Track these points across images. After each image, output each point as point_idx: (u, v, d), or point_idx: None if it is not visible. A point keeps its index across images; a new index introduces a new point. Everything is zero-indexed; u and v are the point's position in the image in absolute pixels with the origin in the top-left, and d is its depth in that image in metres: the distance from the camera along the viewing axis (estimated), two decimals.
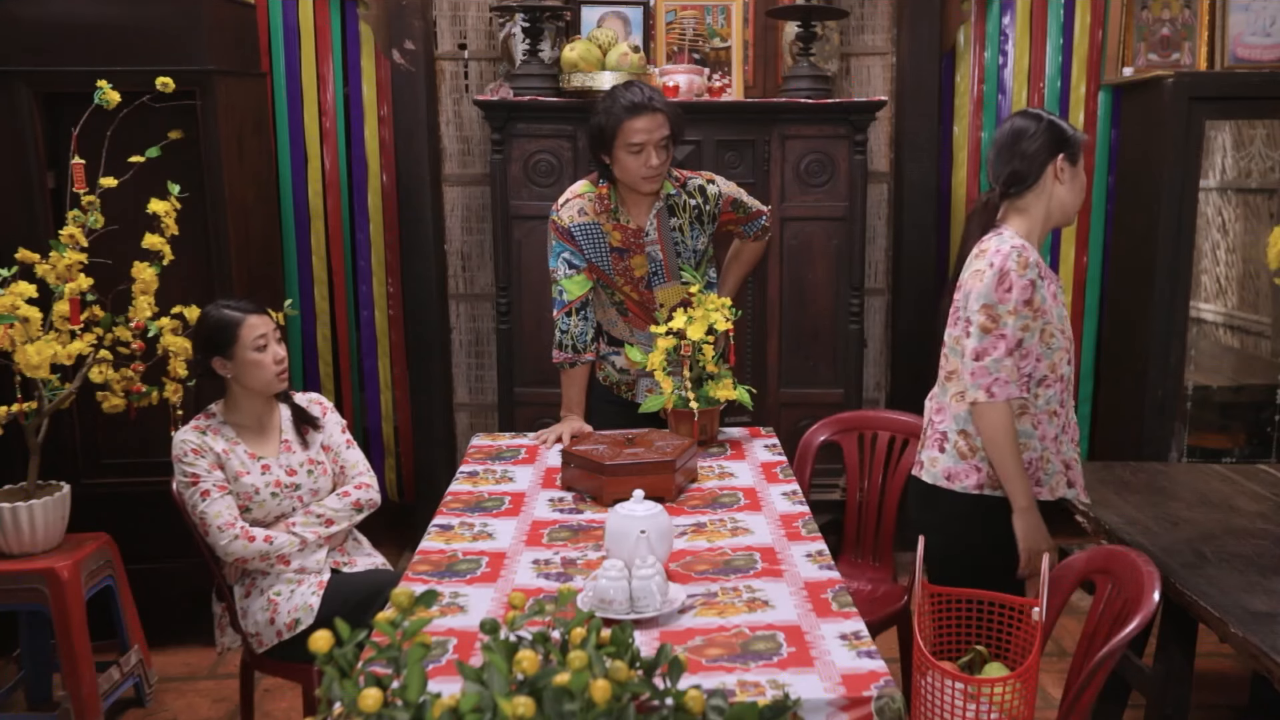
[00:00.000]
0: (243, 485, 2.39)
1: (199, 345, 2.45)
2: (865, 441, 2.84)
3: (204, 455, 2.37)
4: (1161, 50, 3.73)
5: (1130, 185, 3.74)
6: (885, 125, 3.94)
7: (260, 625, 2.37)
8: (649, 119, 2.54)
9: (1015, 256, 2.06)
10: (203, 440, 2.39)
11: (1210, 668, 3.12)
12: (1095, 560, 1.93)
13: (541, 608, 1.16)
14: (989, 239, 2.16)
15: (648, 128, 2.54)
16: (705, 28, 3.71)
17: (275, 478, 2.43)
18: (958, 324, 2.16)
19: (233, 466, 2.39)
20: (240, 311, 2.41)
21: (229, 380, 2.43)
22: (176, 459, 2.37)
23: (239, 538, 2.32)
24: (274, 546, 2.35)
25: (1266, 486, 2.64)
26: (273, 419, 2.51)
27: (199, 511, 2.33)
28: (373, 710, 1.00)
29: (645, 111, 2.54)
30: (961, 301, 2.15)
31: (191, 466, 2.35)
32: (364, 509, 2.51)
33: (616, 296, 2.75)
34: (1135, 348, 3.62)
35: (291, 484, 2.45)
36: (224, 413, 2.47)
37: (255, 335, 2.40)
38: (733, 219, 2.80)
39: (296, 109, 3.79)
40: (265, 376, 2.42)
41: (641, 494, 1.93)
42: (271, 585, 2.38)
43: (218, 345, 2.39)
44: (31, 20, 3.00)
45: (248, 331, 2.39)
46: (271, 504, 2.42)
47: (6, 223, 3.05)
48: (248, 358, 2.39)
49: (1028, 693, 1.71)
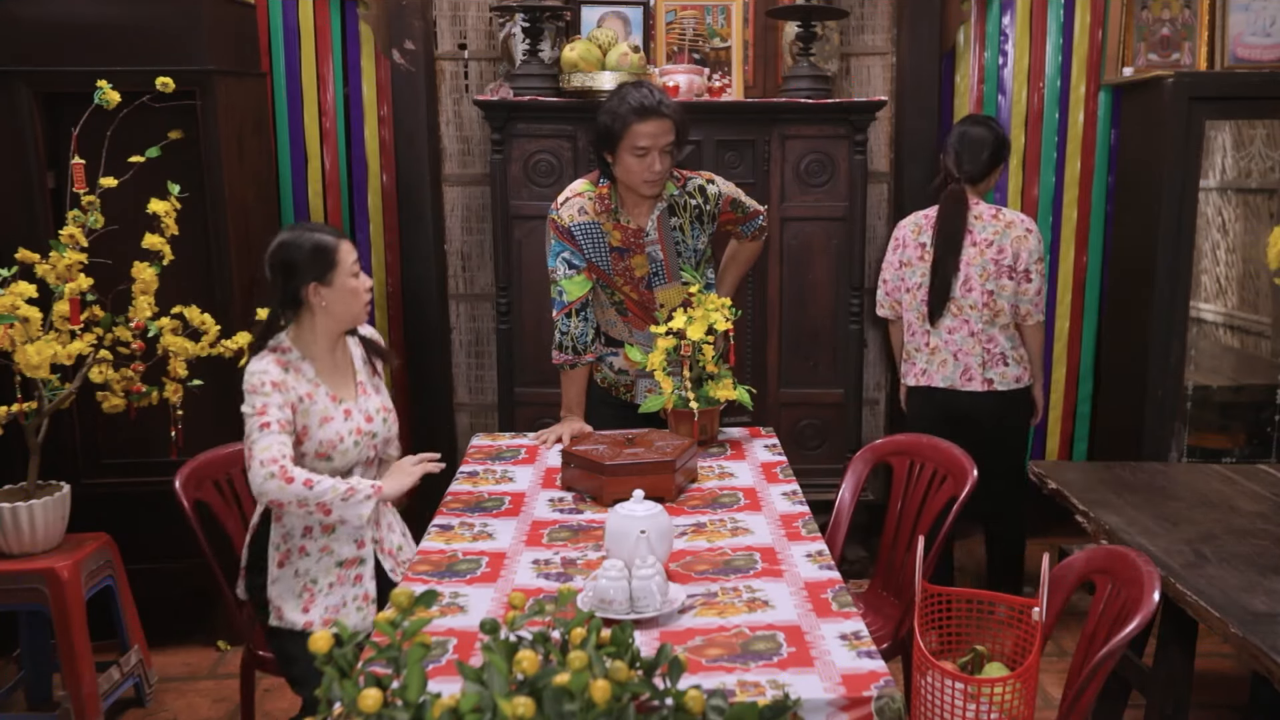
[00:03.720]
0: (328, 433, 2.22)
1: (289, 271, 2.19)
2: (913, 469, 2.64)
3: (282, 392, 2.17)
4: (1161, 50, 3.73)
5: (1130, 185, 3.74)
6: (885, 125, 3.94)
7: (286, 601, 2.22)
8: (656, 124, 2.52)
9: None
10: (285, 378, 2.19)
11: (1210, 668, 3.12)
12: (1095, 560, 1.93)
13: (541, 608, 1.16)
14: (1000, 210, 3.14)
15: (654, 132, 2.52)
16: (705, 28, 3.71)
17: (356, 425, 2.28)
18: (1013, 275, 3.09)
19: (315, 413, 2.21)
20: (332, 236, 2.22)
21: (305, 314, 2.23)
22: (251, 389, 2.15)
23: (276, 477, 2.09)
24: (314, 493, 2.11)
25: (1266, 486, 2.64)
26: (346, 358, 2.34)
27: (251, 440, 2.13)
28: (373, 710, 1.00)
29: (653, 116, 2.51)
30: (1010, 258, 3.09)
31: (265, 398, 2.15)
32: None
33: (616, 296, 2.75)
34: (1135, 348, 3.62)
35: (370, 431, 2.31)
36: (299, 348, 2.25)
37: (353, 260, 2.23)
38: (731, 219, 2.80)
39: (296, 109, 3.80)
40: (359, 305, 2.25)
41: (641, 494, 1.93)
42: (309, 571, 2.23)
43: (317, 270, 2.18)
44: (31, 20, 3.00)
45: (346, 255, 2.22)
46: (354, 453, 2.27)
47: (6, 223, 3.05)
48: (348, 284, 2.22)
49: (1028, 693, 1.71)
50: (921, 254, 3.19)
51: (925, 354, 3.22)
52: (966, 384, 3.16)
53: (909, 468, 2.63)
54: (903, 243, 3.25)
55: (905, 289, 3.25)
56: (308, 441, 2.22)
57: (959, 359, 3.16)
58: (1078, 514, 2.51)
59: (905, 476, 2.63)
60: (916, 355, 3.25)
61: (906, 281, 3.25)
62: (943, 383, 3.19)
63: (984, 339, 3.12)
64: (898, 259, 3.26)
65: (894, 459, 2.67)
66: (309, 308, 2.23)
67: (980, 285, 3.10)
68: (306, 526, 2.24)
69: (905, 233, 3.25)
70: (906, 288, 3.24)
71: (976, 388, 3.15)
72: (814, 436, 3.69)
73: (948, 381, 3.18)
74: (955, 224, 3.10)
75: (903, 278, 3.25)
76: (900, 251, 3.25)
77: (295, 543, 2.24)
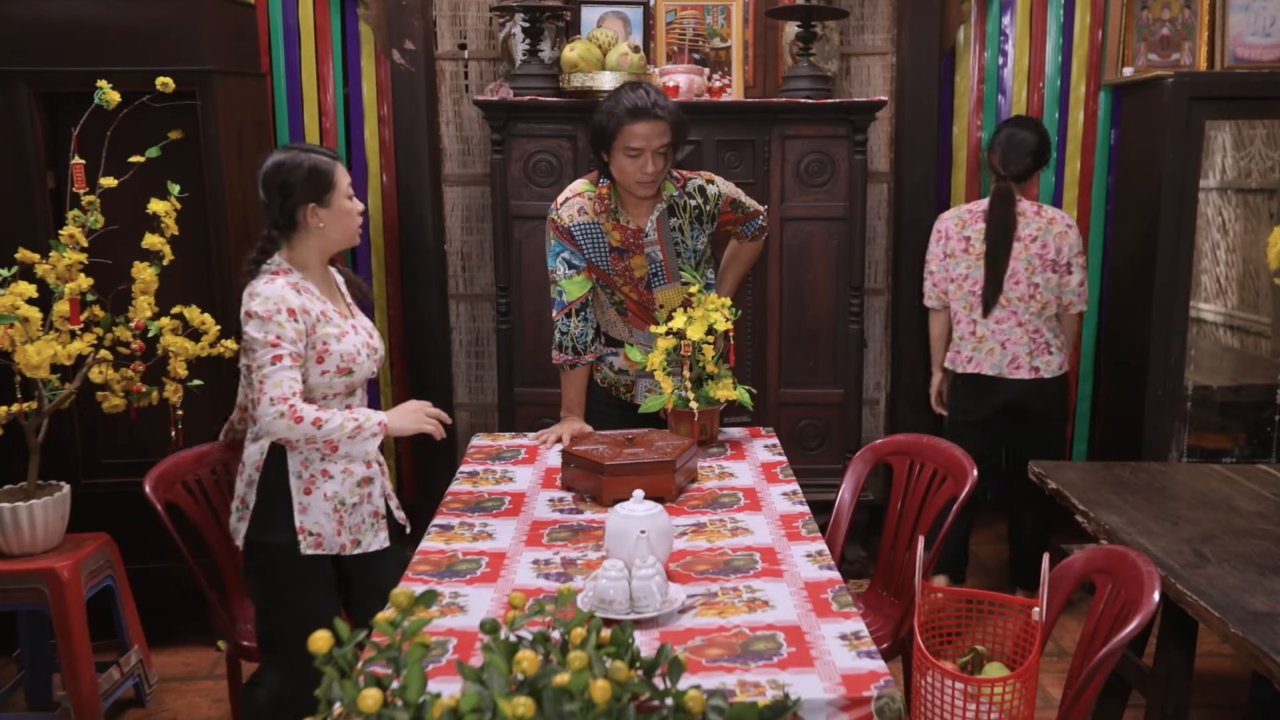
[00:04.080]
0: (345, 347, 2.22)
1: (286, 191, 2.18)
2: (913, 469, 2.64)
3: (298, 319, 2.14)
4: (1161, 50, 3.73)
5: (1130, 185, 3.74)
6: (885, 125, 3.94)
7: (324, 526, 2.22)
8: (650, 125, 2.52)
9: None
10: (301, 301, 2.16)
11: (1210, 668, 3.12)
12: (1095, 560, 1.93)
13: (541, 608, 1.16)
14: (1042, 207, 3.36)
15: (647, 134, 2.52)
16: (705, 28, 3.71)
17: (364, 339, 2.29)
18: (1056, 268, 3.32)
19: (329, 330, 2.20)
20: (329, 157, 2.22)
21: (298, 236, 2.22)
22: (265, 315, 2.12)
23: (286, 416, 2.09)
24: (322, 431, 2.13)
25: (1266, 486, 2.64)
26: (332, 279, 2.35)
27: (263, 373, 2.11)
28: (373, 710, 1.00)
29: (647, 117, 2.51)
30: (1053, 253, 3.32)
31: (279, 327, 2.12)
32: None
33: (616, 296, 2.75)
34: (1135, 348, 3.62)
35: (374, 346, 2.32)
36: (297, 269, 2.24)
37: (347, 182, 2.24)
38: (731, 219, 2.80)
39: (296, 109, 3.80)
40: (354, 226, 2.27)
41: (641, 494, 1.93)
42: (337, 494, 2.22)
43: (315, 191, 2.18)
44: (31, 20, 3.00)
45: (342, 178, 2.23)
46: (367, 366, 2.27)
47: (6, 223, 3.05)
48: (344, 205, 2.23)
49: (1028, 693, 1.71)
50: (966, 247, 3.40)
51: (972, 342, 3.43)
52: (1014, 372, 3.38)
53: (909, 468, 2.63)
54: (946, 235, 3.45)
55: (950, 279, 3.45)
56: (329, 359, 2.21)
57: (1006, 348, 3.38)
58: (1078, 514, 2.51)
59: (905, 476, 2.63)
60: (963, 344, 3.45)
61: (950, 272, 3.43)
62: (991, 370, 3.41)
63: (1030, 329, 3.36)
64: (941, 250, 3.46)
65: (894, 459, 2.67)
66: (305, 229, 2.22)
67: (1026, 279, 3.33)
68: (321, 452, 2.24)
69: (949, 225, 3.45)
70: (951, 278, 3.45)
71: (1024, 375, 3.38)
72: (814, 436, 3.69)
73: (996, 369, 3.40)
74: (1006, 221, 3.32)
75: (947, 269, 3.43)
76: (944, 244, 3.44)
77: (316, 468, 2.22)
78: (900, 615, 2.43)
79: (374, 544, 2.30)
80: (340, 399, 2.28)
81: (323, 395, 2.24)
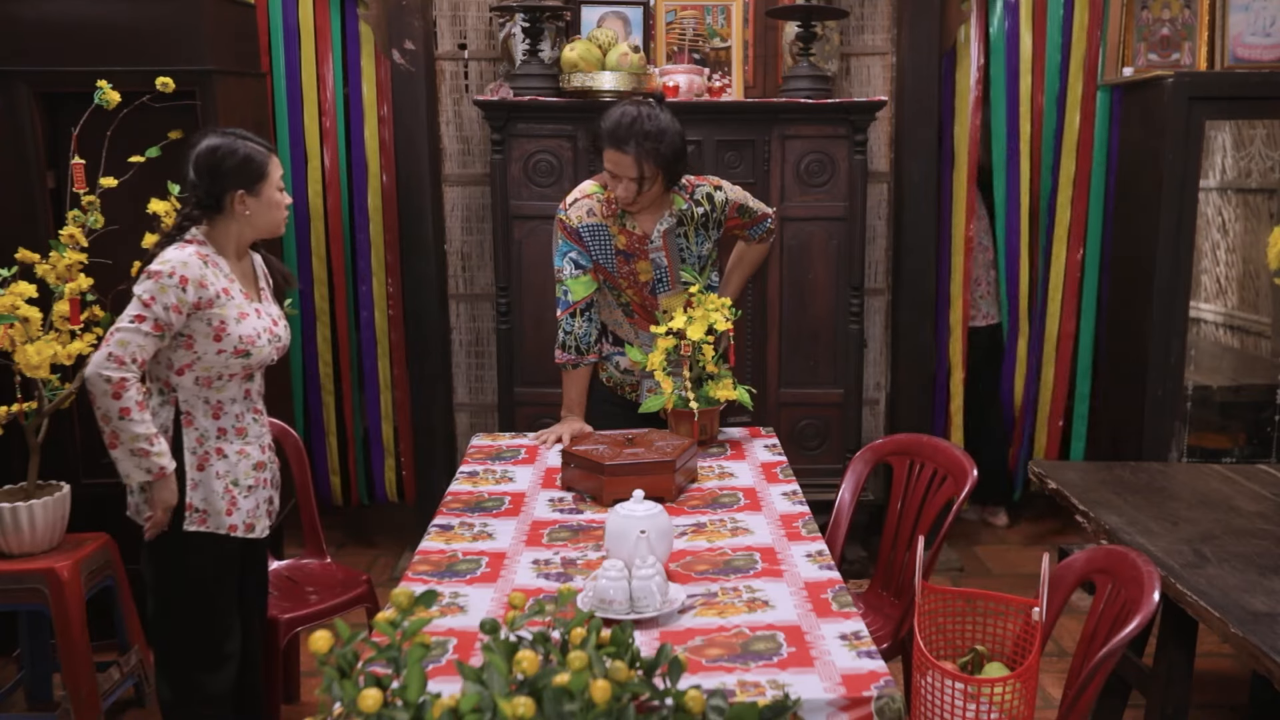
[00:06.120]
0: (245, 329, 2.20)
1: (216, 175, 2.18)
2: (913, 469, 2.63)
3: (188, 291, 2.11)
4: (1161, 50, 3.73)
5: (1130, 185, 3.74)
6: (885, 125, 3.94)
7: (212, 504, 2.21)
8: (617, 155, 2.51)
9: None
10: (204, 273, 2.15)
11: (1210, 668, 3.12)
12: (1095, 560, 1.93)
13: (541, 608, 1.16)
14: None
15: (615, 162, 2.52)
16: (705, 28, 3.71)
17: (267, 325, 2.28)
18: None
19: (233, 308, 2.19)
20: (264, 148, 2.24)
21: (221, 218, 2.22)
22: (154, 275, 2.10)
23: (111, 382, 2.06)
24: (120, 423, 2.08)
25: (1266, 486, 2.64)
26: (250, 265, 2.35)
27: (119, 324, 2.09)
28: (373, 710, 1.00)
29: (616, 146, 2.50)
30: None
31: (161, 291, 2.09)
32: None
33: (623, 298, 2.75)
34: (1135, 348, 3.62)
35: (277, 334, 2.32)
36: (214, 245, 2.24)
37: (279, 175, 2.26)
38: (738, 224, 2.80)
39: (296, 109, 3.79)
40: (279, 218, 2.28)
41: (641, 494, 1.93)
42: (230, 472, 2.23)
43: (246, 179, 2.20)
44: (31, 20, 3.00)
45: (275, 170, 2.25)
46: (267, 350, 2.27)
47: (6, 223, 3.05)
48: (273, 197, 2.24)
49: (1028, 693, 1.71)
50: None
51: None
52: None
53: (909, 468, 2.63)
54: None
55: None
56: (226, 339, 2.19)
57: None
58: (1078, 514, 2.51)
59: (905, 476, 2.63)
60: None
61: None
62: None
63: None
64: None
65: (894, 459, 2.67)
66: (229, 214, 2.22)
67: None
68: (220, 428, 2.25)
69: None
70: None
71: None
72: (814, 436, 3.69)
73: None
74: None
75: None
76: None
77: (211, 444, 2.23)
78: (900, 615, 2.43)
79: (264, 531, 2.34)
80: (239, 381, 2.27)
81: (219, 375, 2.22)
